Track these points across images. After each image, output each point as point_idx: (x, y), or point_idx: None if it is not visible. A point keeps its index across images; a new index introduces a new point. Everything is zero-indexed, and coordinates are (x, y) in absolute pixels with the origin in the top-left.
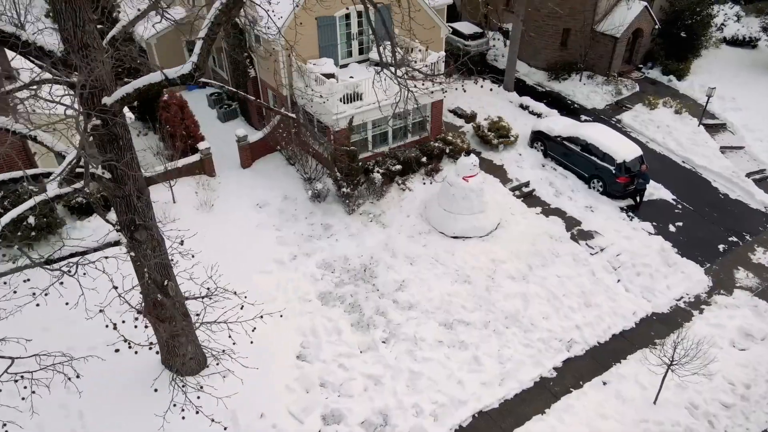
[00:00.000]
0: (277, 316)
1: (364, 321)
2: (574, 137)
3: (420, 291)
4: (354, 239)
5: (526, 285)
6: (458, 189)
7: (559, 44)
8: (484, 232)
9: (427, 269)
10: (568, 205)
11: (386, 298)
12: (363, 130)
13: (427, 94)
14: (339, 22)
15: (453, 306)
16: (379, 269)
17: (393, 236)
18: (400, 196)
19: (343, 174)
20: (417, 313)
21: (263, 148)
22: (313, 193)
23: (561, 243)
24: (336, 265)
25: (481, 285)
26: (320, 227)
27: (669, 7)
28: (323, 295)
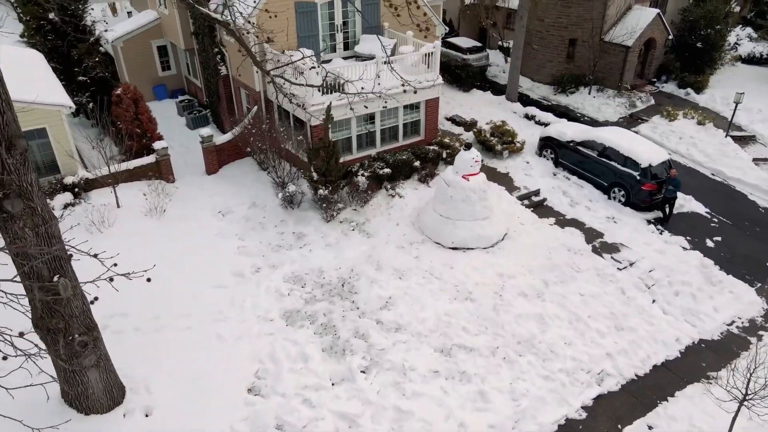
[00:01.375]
0: (230, 336)
1: (338, 345)
2: (589, 141)
3: (410, 310)
4: (331, 250)
5: (542, 304)
6: (457, 189)
7: (565, 56)
8: (488, 243)
9: (419, 284)
10: (587, 215)
11: (368, 318)
12: (346, 127)
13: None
14: (321, 10)
15: (452, 328)
16: (360, 284)
17: (378, 247)
18: (388, 203)
19: (320, 174)
20: (406, 336)
21: (232, 152)
22: (285, 197)
23: (582, 256)
24: (308, 279)
25: (487, 303)
26: (292, 236)
27: (681, 21)
28: (289, 313)
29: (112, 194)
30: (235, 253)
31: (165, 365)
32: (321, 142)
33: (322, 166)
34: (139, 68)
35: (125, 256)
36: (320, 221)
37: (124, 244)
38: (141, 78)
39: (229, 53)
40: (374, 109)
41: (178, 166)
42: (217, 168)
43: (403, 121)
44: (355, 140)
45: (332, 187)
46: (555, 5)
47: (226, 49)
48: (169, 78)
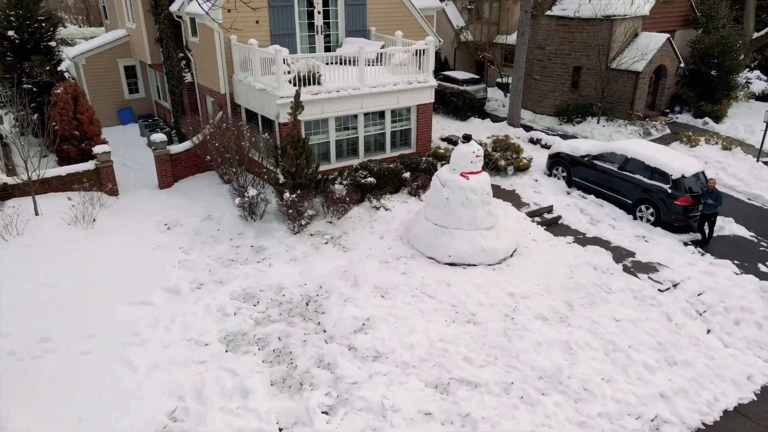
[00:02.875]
0: (143, 364)
1: (294, 377)
2: (608, 154)
3: (394, 333)
4: (297, 264)
5: (567, 330)
6: (455, 190)
7: (569, 85)
8: (494, 258)
9: (407, 304)
10: (611, 234)
11: (337, 343)
12: (323, 129)
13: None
14: (298, 6)
15: (450, 357)
16: (330, 303)
17: (357, 261)
18: (371, 216)
19: (288, 176)
20: (388, 367)
21: (191, 164)
22: (244, 205)
23: (612, 276)
24: (262, 296)
25: (495, 327)
26: (249, 250)
27: (691, 53)
28: (231, 336)
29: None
30: (174, 267)
31: (37, 403)
32: (289, 137)
33: (290, 165)
34: (102, 89)
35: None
36: (286, 233)
37: (27, 254)
38: (104, 99)
39: (195, 57)
40: (355, 109)
41: (128, 181)
42: (172, 181)
43: (391, 129)
44: (333, 147)
45: (302, 191)
46: (557, 31)
47: (192, 53)
48: (136, 102)
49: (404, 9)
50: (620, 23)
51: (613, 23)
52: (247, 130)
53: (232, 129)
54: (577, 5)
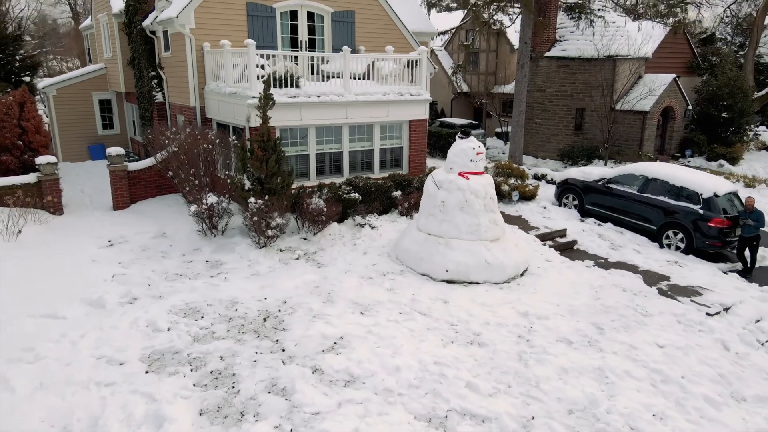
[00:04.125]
0: (26, 384)
1: (233, 404)
2: (625, 175)
3: (375, 354)
4: (258, 279)
5: (598, 355)
6: (452, 191)
7: (573, 128)
8: (501, 276)
9: (393, 321)
10: (638, 258)
11: (298, 364)
12: (302, 139)
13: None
14: (280, 19)
15: (448, 383)
16: (294, 319)
17: (333, 277)
18: (354, 234)
19: (256, 181)
20: (365, 394)
21: (153, 184)
22: (201, 214)
23: (646, 298)
24: (209, 311)
25: (507, 350)
26: (203, 265)
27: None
28: (158, 355)
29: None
30: (105, 281)
31: None
32: (258, 135)
33: (259, 169)
34: (73, 122)
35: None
36: (250, 247)
37: None
38: (75, 133)
39: (167, 74)
40: (339, 119)
41: (81, 204)
42: (129, 202)
43: (380, 146)
44: (313, 161)
45: (270, 197)
46: (557, 72)
47: (164, 70)
48: (110, 138)
49: (395, 29)
50: (623, 63)
51: (615, 63)
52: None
53: (200, 138)
54: (578, 45)
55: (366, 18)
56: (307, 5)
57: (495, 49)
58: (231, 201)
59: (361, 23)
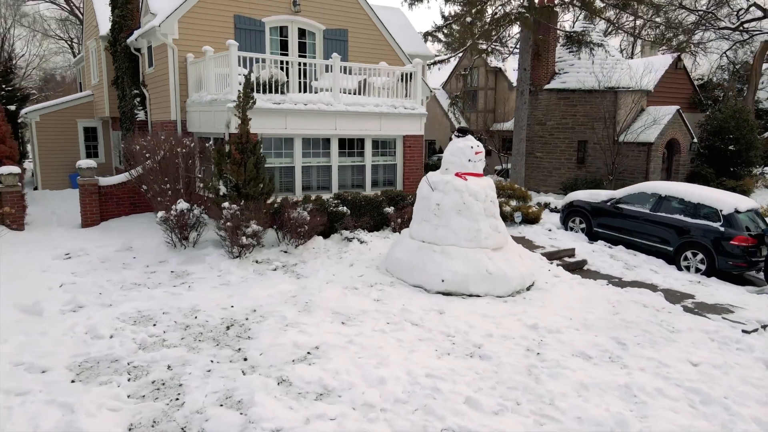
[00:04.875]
0: None
1: (174, 419)
2: (636, 194)
3: (355, 364)
4: (227, 289)
5: (624, 372)
6: (448, 193)
7: (575, 161)
8: (504, 288)
9: (379, 331)
10: (656, 278)
11: (261, 374)
12: (287, 150)
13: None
14: (270, 34)
15: (443, 397)
16: (262, 327)
17: (313, 287)
18: (341, 248)
19: (229, 187)
20: (341, 408)
21: (127, 201)
22: (169, 221)
23: (671, 315)
24: (164, 319)
25: (514, 363)
26: (167, 275)
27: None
28: (92, 363)
29: None
30: (50, 289)
31: None
32: (236, 136)
33: (235, 174)
34: (56, 149)
35: None
36: (222, 257)
37: None
38: (57, 161)
39: (150, 92)
40: (327, 130)
41: (48, 222)
42: (99, 219)
43: (372, 162)
44: (299, 175)
45: (246, 202)
46: (557, 105)
47: (148, 87)
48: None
49: (389, 50)
50: (624, 95)
51: (617, 94)
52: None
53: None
54: (578, 77)
55: (359, 37)
56: (298, 21)
57: (493, 86)
58: (206, 210)
59: (354, 42)
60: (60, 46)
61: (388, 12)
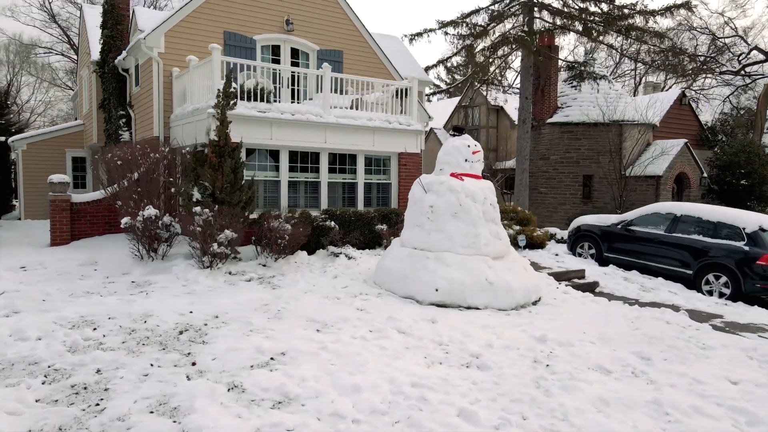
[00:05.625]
0: None
1: (85, 426)
2: (649, 215)
3: (326, 371)
4: (190, 297)
5: (651, 387)
6: (442, 194)
7: (581, 196)
8: (507, 300)
9: (357, 338)
10: (677, 300)
11: (210, 380)
12: (273, 163)
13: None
14: (261, 52)
15: (431, 409)
16: (222, 332)
17: (289, 296)
18: (326, 263)
19: (205, 195)
20: (302, 418)
21: (102, 220)
22: (136, 228)
23: (700, 332)
24: (109, 324)
25: (519, 374)
26: (126, 285)
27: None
28: (4, 364)
29: None
30: None
31: None
32: (214, 139)
33: (210, 178)
34: (42, 179)
35: None
36: (191, 267)
37: None
38: (42, 191)
39: (136, 112)
40: (316, 143)
41: (15, 242)
42: (69, 238)
43: (365, 180)
44: (285, 190)
45: (221, 207)
46: (561, 139)
47: (134, 108)
48: None
49: (385, 72)
50: (630, 128)
51: (622, 127)
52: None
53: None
54: (581, 110)
55: (355, 59)
56: (291, 41)
57: (495, 125)
58: (179, 221)
59: (349, 64)
60: (66, 93)
61: (385, 39)
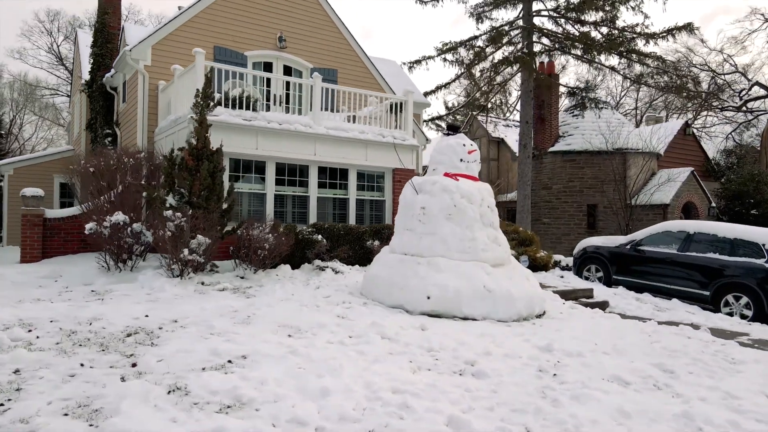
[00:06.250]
0: None
1: None
2: (660, 234)
3: (291, 374)
4: (152, 304)
5: (678, 400)
6: (435, 195)
7: (586, 226)
8: (508, 311)
9: (333, 343)
10: (696, 318)
11: (149, 380)
12: (258, 175)
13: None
14: (253, 68)
15: (414, 417)
16: (177, 335)
17: (263, 303)
18: (309, 277)
19: (182, 202)
20: (252, 423)
21: (77, 238)
22: (101, 233)
23: (726, 347)
24: (48, 326)
25: (520, 383)
26: (84, 293)
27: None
28: None
29: None
30: None
31: None
32: (191, 143)
33: (187, 183)
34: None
35: None
36: (159, 276)
37: None
38: None
39: (122, 129)
40: (305, 155)
41: None
42: (40, 255)
43: (357, 197)
44: (271, 203)
45: (195, 211)
46: (563, 168)
47: (120, 126)
48: None
49: (381, 92)
50: (634, 156)
51: (626, 156)
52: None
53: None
54: (584, 138)
55: (349, 78)
56: (284, 58)
57: (496, 157)
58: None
59: (344, 83)
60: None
61: (383, 63)
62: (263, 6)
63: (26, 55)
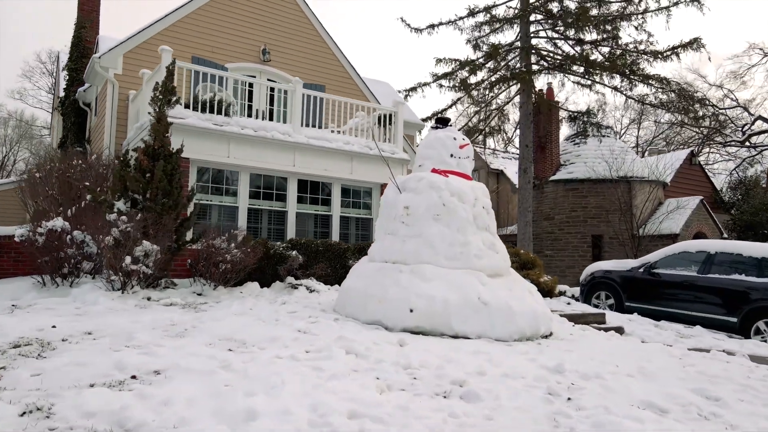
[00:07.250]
0: None
1: None
2: (677, 255)
3: (211, 393)
4: (75, 318)
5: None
6: (421, 192)
7: (591, 257)
8: (508, 328)
9: (282, 358)
10: (728, 345)
11: (4, 398)
12: (231, 186)
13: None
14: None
15: None
16: (77, 347)
17: (211, 317)
18: (279, 295)
19: (133, 207)
20: None
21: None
22: (29, 240)
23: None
24: None
25: (524, 407)
26: (1, 308)
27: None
28: None
29: None
30: None
31: None
32: (146, 141)
33: (140, 185)
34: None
35: None
36: (97, 290)
37: None
38: None
39: (93, 145)
40: (282, 166)
41: None
42: None
43: (341, 213)
44: (243, 217)
45: (148, 214)
46: (565, 197)
47: (91, 142)
48: None
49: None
50: (640, 184)
51: (631, 183)
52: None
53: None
54: (587, 166)
55: (338, 94)
56: (268, 72)
57: (495, 189)
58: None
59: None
60: None
61: (376, 84)
62: (246, 17)
63: (26, 95)
